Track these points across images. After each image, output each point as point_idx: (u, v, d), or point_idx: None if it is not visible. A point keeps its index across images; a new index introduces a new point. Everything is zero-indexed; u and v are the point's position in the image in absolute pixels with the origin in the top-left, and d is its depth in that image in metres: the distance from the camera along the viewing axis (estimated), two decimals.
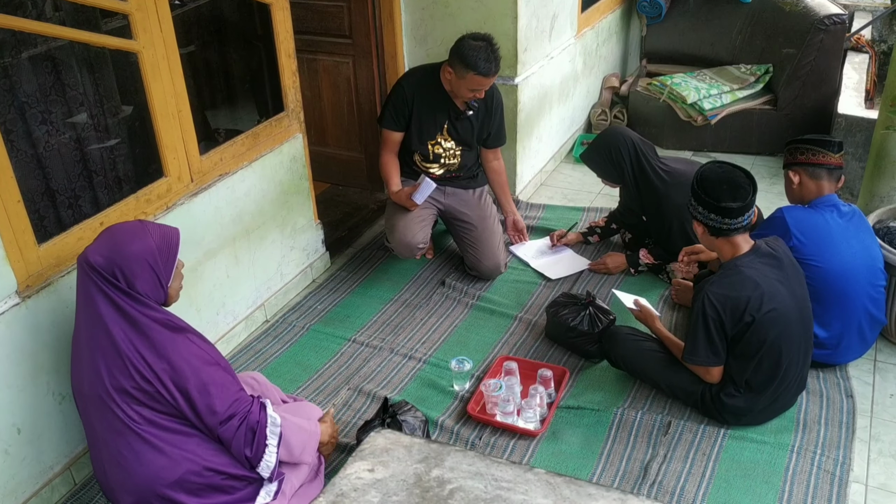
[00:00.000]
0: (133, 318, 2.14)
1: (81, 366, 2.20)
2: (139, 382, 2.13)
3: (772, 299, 2.56)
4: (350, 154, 4.60)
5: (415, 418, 2.72)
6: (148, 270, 2.17)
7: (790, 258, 2.73)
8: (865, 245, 2.97)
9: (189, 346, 2.21)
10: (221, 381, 2.22)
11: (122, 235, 2.18)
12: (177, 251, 2.26)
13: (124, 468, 2.17)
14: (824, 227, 2.92)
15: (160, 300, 2.23)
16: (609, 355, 3.03)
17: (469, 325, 3.44)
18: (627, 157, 3.49)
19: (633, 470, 2.64)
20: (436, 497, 1.76)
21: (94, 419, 2.20)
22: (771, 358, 2.62)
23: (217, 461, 2.23)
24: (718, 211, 2.57)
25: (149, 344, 2.15)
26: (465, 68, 3.30)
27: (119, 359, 2.13)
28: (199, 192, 3.01)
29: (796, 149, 3.02)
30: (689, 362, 2.72)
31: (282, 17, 3.28)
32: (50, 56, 2.70)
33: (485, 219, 3.73)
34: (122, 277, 2.14)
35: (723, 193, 2.57)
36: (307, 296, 3.71)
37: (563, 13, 4.60)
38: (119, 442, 2.16)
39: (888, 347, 3.18)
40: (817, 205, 2.98)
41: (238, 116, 4.25)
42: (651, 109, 5.21)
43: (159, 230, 2.24)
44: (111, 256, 2.13)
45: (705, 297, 2.59)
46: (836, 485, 2.55)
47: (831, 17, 4.78)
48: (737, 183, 2.59)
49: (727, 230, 2.60)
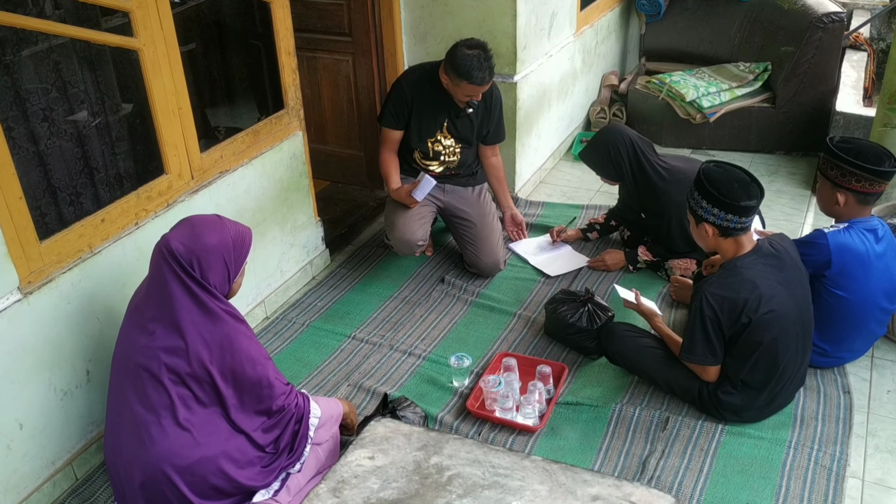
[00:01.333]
0: (206, 306, 2.23)
1: (137, 339, 2.24)
2: (194, 367, 2.21)
3: (770, 301, 2.56)
4: (350, 151, 4.61)
5: (414, 414, 2.74)
6: (221, 264, 2.27)
7: (792, 257, 2.72)
8: (889, 267, 2.87)
9: (251, 338, 2.33)
10: (276, 375, 2.36)
11: (202, 227, 2.28)
12: (248, 250, 2.38)
13: (145, 443, 2.19)
14: (864, 258, 2.79)
15: (224, 293, 2.33)
16: (607, 352, 3.04)
17: (468, 321, 3.46)
18: (626, 154, 3.51)
19: (631, 465, 2.66)
20: (435, 483, 1.78)
21: (129, 392, 2.23)
22: (767, 358, 2.63)
23: (232, 462, 2.26)
24: (737, 210, 2.54)
25: (216, 331, 2.24)
26: (459, 77, 3.33)
27: (182, 341, 2.20)
28: (200, 189, 3.02)
29: (851, 173, 2.74)
30: (686, 360, 2.73)
31: (282, 14, 3.29)
32: (51, 54, 2.71)
33: (484, 216, 3.74)
34: (198, 267, 2.23)
35: (738, 193, 2.54)
36: (307, 293, 3.72)
37: (563, 11, 4.61)
38: (150, 418, 2.20)
39: (886, 344, 3.20)
40: (857, 225, 2.83)
41: (238, 114, 4.26)
42: (650, 107, 5.22)
43: (235, 227, 2.34)
44: (191, 246, 2.22)
45: (703, 297, 2.60)
46: (832, 480, 2.57)
47: (830, 16, 4.79)
48: (744, 181, 2.58)
49: (741, 229, 2.59)
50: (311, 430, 2.43)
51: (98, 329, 2.66)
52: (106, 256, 2.67)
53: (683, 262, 3.57)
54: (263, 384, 2.31)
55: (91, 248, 2.63)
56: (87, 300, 2.61)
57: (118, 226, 2.72)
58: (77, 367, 2.62)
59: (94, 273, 2.63)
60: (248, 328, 2.35)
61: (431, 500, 1.76)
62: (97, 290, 2.64)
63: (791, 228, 4.09)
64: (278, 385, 2.36)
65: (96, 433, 2.74)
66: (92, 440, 2.73)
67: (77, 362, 2.61)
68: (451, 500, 1.75)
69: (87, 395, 2.67)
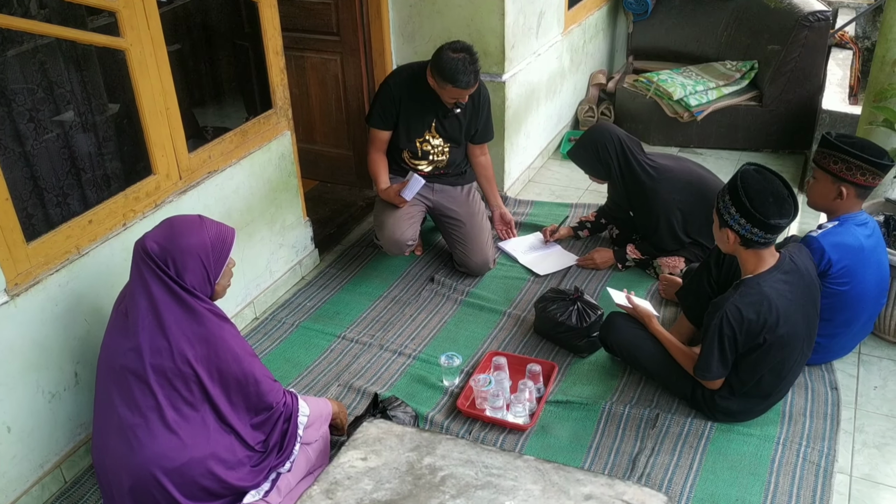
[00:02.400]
0: (188, 305, 2.22)
1: (121, 341, 2.23)
2: (179, 366, 2.19)
3: (786, 322, 2.52)
4: (338, 151, 4.60)
5: (405, 413, 2.74)
6: (198, 265, 2.25)
7: (810, 272, 2.67)
8: (880, 261, 2.90)
9: (236, 336, 2.32)
10: (263, 372, 2.35)
11: (180, 227, 2.26)
12: (230, 251, 2.34)
13: (133, 446, 2.18)
14: (860, 252, 2.81)
15: (207, 295, 2.30)
16: (605, 341, 3.03)
17: (458, 320, 3.46)
18: (614, 153, 3.52)
19: (621, 463, 2.67)
20: (428, 484, 1.79)
21: (115, 395, 2.22)
22: (773, 374, 2.64)
23: (220, 463, 2.25)
24: (766, 228, 2.43)
25: (200, 330, 2.23)
26: (444, 81, 3.34)
27: (165, 340, 2.19)
28: (188, 189, 3.01)
29: (857, 167, 2.74)
30: (701, 378, 2.68)
31: (269, 14, 3.28)
32: (36, 54, 2.69)
33: (473, 215, 3.74)
34: (174, 266, 2.21)
35: (771, 209, 2.41)
36: (296, 293, 3.71)
37: (550, 10, 4.62)
38: (138, 420, 2.19)
39: (872, 340, 3.22)
40: (849, 221, 2.85)
41: (226, 114, 4.25)
42: (638, 106, 5.24)
43: (216, 228, 2.31)
44: (167, 246, 2.21)
45: (724, 315, 2.51)
46: (821, 476, 2.59)
47: (815, 14, 4.83)
48: (782, 196, 2.44)
49: (764, 244, 2.50)
50: (300, 428, 2.43)
51: (86, 330, 2.65)
52: (93, 258, 2.65)
53: (672, 260, 3.59)
54: (250, 381, 2.30)
55: (78, 250, 2.61)
56: (74, 302, 2.59)
57: (106, 227, 2.70)
58: (65, 368, 2.60)
59: (82, 274, 2.61)
60: (232, 326, 2.34)
61: (425, 500, 1.76)
62: (85, 292, 2.63)
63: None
64: (266, 382, 2.35)
65: (85, 436, 2.72)
66: (80, 443, 2.71)
67: (65, 364, 2.60)
68: (445, 501, 1.75)
69: (75, 398, 2.65)
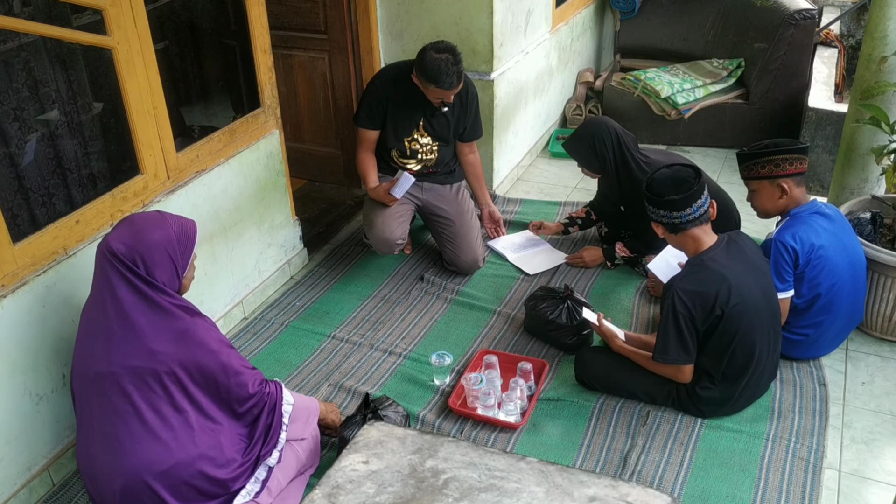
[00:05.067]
0: (157, 303, 2.19)
1: (92, 348, 2.20)
2: (155, 367, 2.16)
3: (739, 290, 2.59)
4: (327, 150, 4.58)
5: (396, 413, 2.73)
6: (167, 260, 2.22)
7: (752, 248, 2.76)
8: (851, 248, 2.94)
9: (209, 329, 2.29)
10: (240, 363, 2.32)
11: (143, 224, 2.23)
12: (194, 242, 2.32)
13: (118, 453, 2.16)
14: (821, 239, 2.85)
15: (175, 289, 2.28)
16: (582, 380, 3.00)
17: (448, 319, 3.46)
18: (610, 147, 3.51)
19: (612, 460, 2.67)
20: (431, 487, 1.78)
21: (94, 402, 2.20)
22: (743, 348, 2.66)
23: (209, 462, 2.23)
24: (664, 205, 2.61)
25: (172, 328, 2.20)
26: (427, 81, 3.34)
27: (138, 342, 2.16)
28: (176, 189, 2.98)
29: (784, 160, 2.85)
30: (660, 361, 2.71)
31: (257, 12, 3.26)
32: (21, 52, 2.66)
33: (462, 214, 3.74)
34: (143, 265, 2.18)
35: (667, 190, 2.61)
36: (285, 292, 3.70)
37: (538, 8, 4.62)
38: (119, 426, 2.16)
39: (860, 337, 3.25)
40: (801, 213, 2.90)
41: (214, 113, 4.22)
42: (625, 104, 5.25)
43: (178, 221, 2.29)
44: (133, 244, 2.18)
45: (674, 295, 2.61)
46: (810, 471, 2.60)
47: (801, 12, 4.86)
48: (681, 178, 2.63)
49: (681, 224, 2.63)
50: (285, 416, 2.40)
51: (73, 332, 2.60)
52: (81, 258, 2.62)
53: None
54: (230, 373, 2.27)
55: (66, 250, 2.59)
56: (61, 303, 2.57)
57: (93, 227, 2.68)
58: (52, 370, 2.57)
59: (70, 275, 2.59)
60: (204, 320, 2.31)
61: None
62: (72, 293, 2.60)
63: (765, 223, 4.10)
64: (246, 372, 2.32)
65: (72, 438, 2.69)
66: (68, 445, 2.68)
67: (52, 366, 2.57)
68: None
69: (62, 400, 2.62)
